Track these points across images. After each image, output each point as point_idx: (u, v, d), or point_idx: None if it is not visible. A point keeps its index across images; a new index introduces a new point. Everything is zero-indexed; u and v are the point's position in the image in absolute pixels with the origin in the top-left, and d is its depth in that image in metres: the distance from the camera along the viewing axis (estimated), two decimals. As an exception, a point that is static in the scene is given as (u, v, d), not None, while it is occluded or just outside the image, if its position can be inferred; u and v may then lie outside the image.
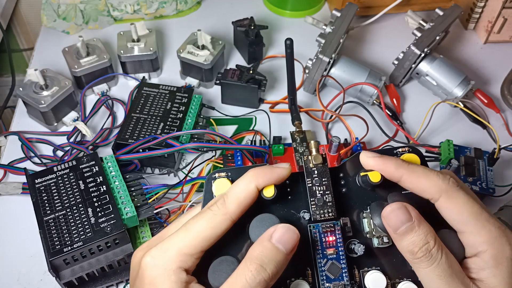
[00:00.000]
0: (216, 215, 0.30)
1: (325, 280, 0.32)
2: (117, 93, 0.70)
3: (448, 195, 0.30)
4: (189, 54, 0.68)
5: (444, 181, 0.30)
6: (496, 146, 0.56)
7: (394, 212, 0.29)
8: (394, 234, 0.30)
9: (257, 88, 0.64)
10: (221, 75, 0.65)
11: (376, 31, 0.81)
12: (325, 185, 0.33)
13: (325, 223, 0.33)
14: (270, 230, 0.29)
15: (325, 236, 0.33)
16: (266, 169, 0.32)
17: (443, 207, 0.31)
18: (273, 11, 0.85)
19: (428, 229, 0.29)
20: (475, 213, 0.30)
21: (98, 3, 0.76)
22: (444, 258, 0.29)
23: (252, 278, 0.27)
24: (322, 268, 0.32)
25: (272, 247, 0.28)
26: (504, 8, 0.73)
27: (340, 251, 0.33)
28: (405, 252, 0.30)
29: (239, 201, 0.31)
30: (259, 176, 0.31)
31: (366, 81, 0.66)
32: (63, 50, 0.68)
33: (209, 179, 0.33)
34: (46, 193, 0.49)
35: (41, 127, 0.64)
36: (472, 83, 0.67)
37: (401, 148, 0.35)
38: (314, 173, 0.33)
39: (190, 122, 0.60)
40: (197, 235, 0.30)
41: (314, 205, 0.33)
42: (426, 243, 0.29)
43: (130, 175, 0.53)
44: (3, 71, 1.04)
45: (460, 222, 0.30)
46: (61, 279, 0.46)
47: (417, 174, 0.31)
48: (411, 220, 0.29)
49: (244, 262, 0.28)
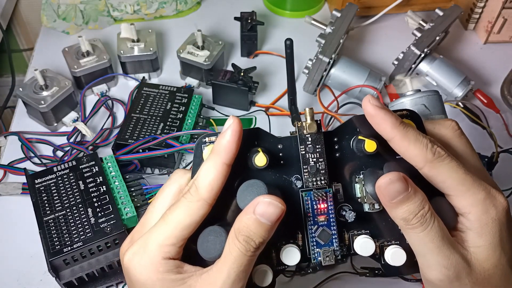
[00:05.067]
0: (191, 202, 0.30)
1: (315, 246, 0.33)
2: (117, 93, 0.70)
3: (431, 165, 0.31)
4: (189, 54, 0.68)
5: (431, 151, 0.30)
6: (495, 149, 0.56)
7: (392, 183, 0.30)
8: (389, 203, 0.30)
9: (247, 91, 0.64)
10: (212, 76, 0.65)
11: (376, 32, 0.81)
12: (319, 153, 0.33)
13: (317, 191, 0.33)
14: (255, 202, 0.29)
15: (316, 204, 0.33)
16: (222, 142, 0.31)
17: (427, 175, 0.31)
18: (273, 11, 0.85)
19: (422, 195, 0.30)
20: (459, 179, 0.30)
21: (98, 3, 0.76)
22: (437, 222, 0.30)
23: (243, 248, 0.29)
24: (313, 234, 0.33)
25: (255, 220, 0.29)
26: (504, 8, 0.73)
27: (331, 218, 0.33)
28: (399, 220, 0.30)
29: (210, 185, 0.30)
30: (222, 153, 0.30)
31: (366, 82, 0.66)
32: (63, 50, 0.68)
33: (199, 143, 0.33)
34: (46, 193, 0.49)
35: (41, 127, 0.65)
36: (472, 83, 0.67)
37: (400, 111, 0.34)
38: (308, 140, 0.33)
39: (190, 122, 0.60)
40: (176, 225, 0.30)
41: (306, 172, 0.33)
42: (421, 209, 0.30)
43: (130, 175, 0.53)
44: (3, 71, 1.04)
45: (445, 188, 0.31)
46: (61, 279, 0.46)
47: (409, 139, 0.31)
48: (407, 190, 0.30)
49: (232, 234, 0.29)
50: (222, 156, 0.30)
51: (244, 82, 0.64)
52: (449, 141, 0.34)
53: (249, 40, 0.74)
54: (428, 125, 0.35)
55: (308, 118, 0.32)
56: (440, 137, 0.34)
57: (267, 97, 0.70)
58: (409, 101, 0.38)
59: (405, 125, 0.31)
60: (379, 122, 0.31)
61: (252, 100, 0.68)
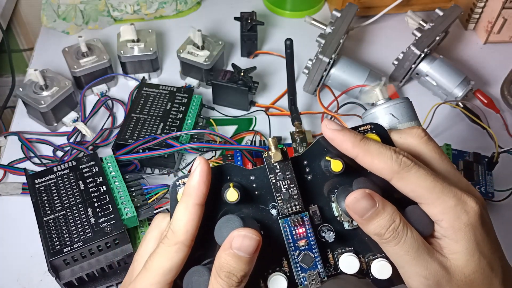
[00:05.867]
0: (169, 246, 0.31)
1: (300, 271, 0.33)
2: (117, 93, 0.70)
3: (399, 176, 0.31)
4: (189, 54, 0.68)
5: (396, 162, 0.31)
6: (495, 150, 0.56)
7: (358, 201, 0.30)
8: (360, 220, 0.31)
9: (247, 91, 0.64)
10: (212, 76, 0.65)
11: (376, 32, 0.81)
12: (289, 179, 0.33)
13: (294, 216, 0.33)
14: (230, 237, 0.29)
15: (295, 229, 0.33)
16: (192, 184, 0.31)
17: (396, 186, 0.32)
18: (273, 11, 0.85)
19: (392, 209, 0.30)
20: (427, 187, 0.30)
21: (98, 3, 0.76)
22: (410, 234, 0.30)
23: (225, 285, 0.29)
24: (296, 259, 0.33)
25: (234, 255, 0.29)
26: (504, 8, 0.73)
27: (311, 241, 0.33)
28: (373, 235, 0.31)
29: (185, 227, 0.31)
30: (193, 194, 0.31)
31: (366, 82, 0.66)
32: (63, 50, 0.68)
33: (173, 186, 0.34)
34: (46, 194, 0.49)
35: (41, 127, 0.65)
36: (472, 84, 0.67)
37: (363, 126, 0.35)
38: (277, 168, 0.33)
39: (190, 122, 0.60)
40: (157, 272, 0.31)
41: (280, 199, 0.33)
42: (392, 223, 0.30)
43: (130, 176, 0.53)
44: (3, 71, 1.04)
45: (415, 197, 0.31)
46: (61, 279, 0.46)
47: (372, 154, 0.31)
48: (375, 205, 0.30)
49: (214, 272, 0.29)
50: (193, 197, 0.31)
51: (244, 82, 0.64)
52: (416, 149, 0.34)
53: (249, 40, 0.74)
54: (394, 135, 0.35)
55: (272, 148, 0.33)
56: (407, 146, 0.34)
57: (267, 97, 0.70)
58: (380, 111, 0.39)
59: (366, 140, 0.32)
60: (339, 143, 0.32)
61: (252, 100, 0.68)
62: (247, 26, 0.72)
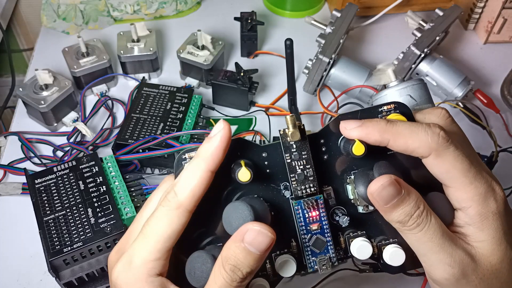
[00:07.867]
0: (169, 210, 0.28)
1: (311, 255, 0.32)
2: (117, 94, 0.70)
3: (437, 153, 0.29)
4: (189, 54, 0.68)
5: (433, 139, 0.29)
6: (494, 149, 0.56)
7: (385, 188, 0.28)
8: (383, 208, 0.29)
9: (247, 91, 0.64)
10: (212, 76, 0.65)
11: (376, 32, 0.81)
12: (305, 160, 0.31)
13: (308, 199, 0.31)
14: (243, 230, 0.27)
15: (308, 212, 0.32)
16: (209, 148, 0.28)
17: (431, 164, 0.30)
18: (273, 11, 0.85)
19: (416, 195, 0.29)
20: (463, 170, 0.29)
21: (98, 3, 0.76)
22: (434, 220, 0.29)
23: (228, 278, 0.27)
24: (307, 243, 0.32)
25: (244, 249, 0.27)
26: (504, 8, 0.73)
27: (324, 225, 0.32)
28: (395, 223, 0.29)
29: (192, 191, 0.28)
30: (209, 158, 0.28)
31: (366, 82, 0.66)
32: (63, 50, 0.68)
33: (179, 160, 0.31)
34: (46, 194, 0.49)
35: (41, 128, 0.64)
36: (472, 84, 0.67)
37: (386, 105, 0.32)
38: (293, 147, 0.31)
39: (190, 122, 0.60)
40: (156, 239, 0.28)
41: (294, 181, 0.31)
42: (416, 209, 0.29)
43: (130, 176, 0.53)
44: (3, 71, 1.04)
45: (448, 179, 0.30)
46: (61, 279, 0.46)
47: (404, 135, 0.29)
48: (400, 192, 0.28)
49: (220, 262, 0.27)
50: (207, 162, 0.28)
51: (244, 82, 0.64)
52: None
53: (249, 40, 0.74)
54: (417, 116, 0.33)
55: (290, 126, 0.30)
56: None
57: (267, 97, 0.70)
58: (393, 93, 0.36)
59: (392, 123, 0.30)
60: (366, 138, 0.30)
61: (252, 100, 0.68)
62: (247, 26, 0.72)
